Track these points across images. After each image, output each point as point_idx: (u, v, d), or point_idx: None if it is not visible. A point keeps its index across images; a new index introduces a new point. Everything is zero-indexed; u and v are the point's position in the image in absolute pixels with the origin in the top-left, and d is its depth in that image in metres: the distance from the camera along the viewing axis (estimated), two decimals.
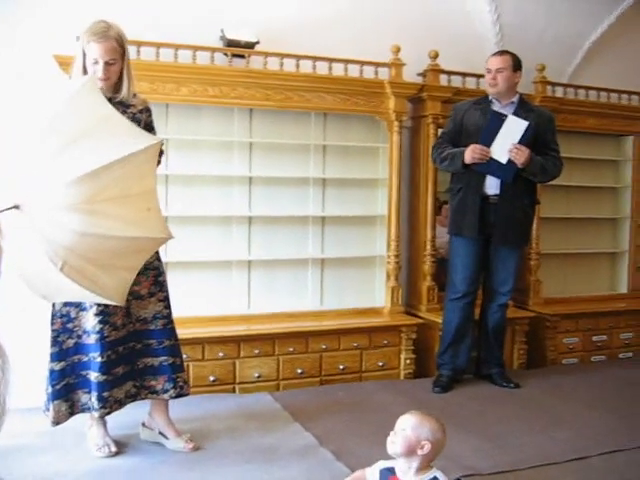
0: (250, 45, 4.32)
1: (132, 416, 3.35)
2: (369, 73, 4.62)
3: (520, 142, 4.03)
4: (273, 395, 4.02)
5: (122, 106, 3.11)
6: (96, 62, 2.98)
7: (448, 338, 4.34)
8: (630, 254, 5.72)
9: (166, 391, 3.19)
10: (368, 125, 4.77)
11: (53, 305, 3.05)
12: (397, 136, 4.67)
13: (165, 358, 3.18)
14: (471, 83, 4.95)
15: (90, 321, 3.04)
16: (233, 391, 4.09)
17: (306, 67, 4.44)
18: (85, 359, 3.08)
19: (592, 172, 5.60)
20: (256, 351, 4.16)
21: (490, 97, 4.26)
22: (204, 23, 4.27)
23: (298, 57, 4.40)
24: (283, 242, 4.62)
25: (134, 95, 3.20)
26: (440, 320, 4.49)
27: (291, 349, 4.25)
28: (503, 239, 4.22)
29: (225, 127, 4.41)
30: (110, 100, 3.05)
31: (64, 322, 3.07)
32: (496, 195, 4.16)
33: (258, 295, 4.56)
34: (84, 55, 3.00)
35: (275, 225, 4.59)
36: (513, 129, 4.05)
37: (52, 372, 3.04)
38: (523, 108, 4.23)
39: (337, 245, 4.76)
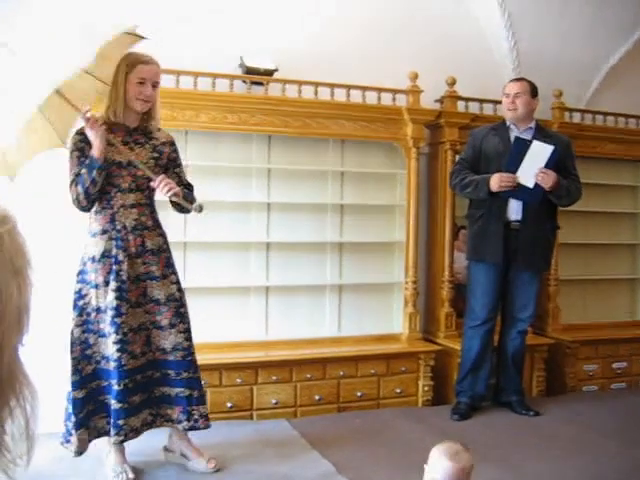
0: (269, 72, 4.36)
1: (150, 442, 3.35)
2: (387, 100, 4.65)
3: (546, 166, 4.04)
4: (290, 422, 4.01)
5: (145, 136, 3.17)
6: (142, 82, 3.07)
7: (467, 365, 4.32)
8: None
9: (180, 422, 3.19)
10: (386, 151, 4.78)
11: (72, 332, 3.08)
12: (415, 162, 4.68)
13: (181, 390, 3.18)
14: (488, 109, 4.96)
15: (109, 348, 3.05)
16: (250, 418, 4.08)
17: (324, 94, 4.47)
18: (104, 384, 3.09)
19: (610, 197, 5.57)
20: (274, 377, 4.15)
21: (508, 123, 4.27)
22: (223, 51, 4.32)
23: (316, 84, 4.44)
24: (301, 268, 4.62)
25: (159, 129, 3.27)
26: (458, 347, 4.47)
27: (309, 375, 4.24)
28: (527, 264, 4.22)
29: (244, 154, 4.44)
30: (135, 129, 3.13)
31: (83, 349, 3.09)
32: (517, 221, 4.16)
33: (276, 321, 4.56)
34: (124, 82, 3.06)
35: (293, 251, 4.59)
36: (538, 154, 4.06)
37: (75, 401, 3.05)
38: (541, 134, 4.24)
39: (355, 271, 4.76)
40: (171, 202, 3.23)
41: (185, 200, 3.16)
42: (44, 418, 0.79)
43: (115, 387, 3.03)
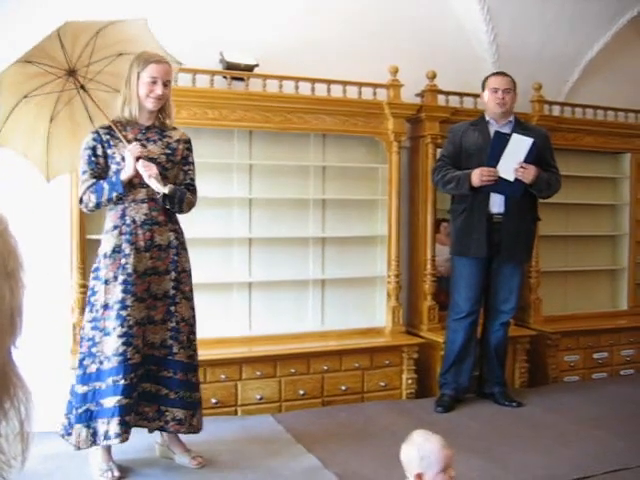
0: (249, 68, 4.35)
1: (134, 441, 3.33)
2: (367, 94, 4.65)
3: (526, 159, 4.06)
4: (275, 417, 4.01)
5: (158, 133, 3.25)
6: (154, 81, 3.12)
7: (451, 358, 4.34)
8: (629, 271, 5.73)
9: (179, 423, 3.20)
10: (367, 146, 4.79)
11: (83, 328, 3.10)
12: (396, 156, 4.70)
13: (164, 390, 3.19)
14: (469, 103, 4.98)
15: (113, 342, 3.04)
16: (235, 413, 4.09)
17: (305, 89, 4.47)
18: (103, 387, 3.06)
19: (590, 190, 5.62)
20: (258, 373, 4.15)
21: (488, 118, 4.28)
22: (204, 46, 4.30)
23: (297, 79, 4.43)
24: (284, 263, 4.62)
25: (174, 128, 3.34)
26: (441, 340, 4.50)
27: (293, 370, 4.25)
28: (509, 256, 4.25)
29: (225, 149, 4.43)
30: (149, 127, 3.21)
31: (90, 346, 3.10)
32: (500, 214, 4.18)
33: (259, 317, 4.56)
34: (137, 81, 3.13)
35: (275, 246, 4.60)
36: (518, 147, 4.08)
37: (76, 395, 3.06)
38: (520, 127, 4.27)
39: (338, 266, 4.77)
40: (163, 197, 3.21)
41: (158, 185, 3.09)
42: (38, 418, 0.79)
43: (121, 382, 3.01)
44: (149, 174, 3.05)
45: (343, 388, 4.37)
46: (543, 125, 4.83)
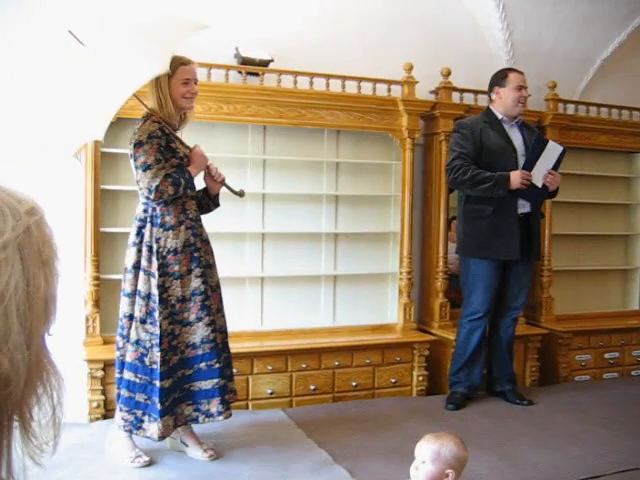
0: (264, 63, 4.36)
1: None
2: (382, 91, 4.65)
3: (555, 166, 4.08)
4: (286, 411, 4.02)
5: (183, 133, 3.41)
6: (187, 82, 3.24)
7: (465, 357, 4.31)
8: None
9: (220, 413, 3.26)
10: (381, 142, 4.79)
11: (160, 325, 3.13)
12: (409, 153, 4.70)
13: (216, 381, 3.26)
14: (483, 100, 4.96)
15: (201, 331, 3.19)
16: (246, 407, 4.10)
17: (320, 85, 4.47)
18: (189, 372, 3.22)
19: (604, 189, 5.61)
20: (269, 367, 4.17)
21: (500, 115, 4.25)
22: (219, 41, 4.30)
23: (312, 75, 4.44)
24: (296, 259, 4.64)
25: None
26: (452, 337, 4.49)
27: (304, 365, 4.26)
28: (537, 255, 4.35)
29: (239, 144, 4.44)
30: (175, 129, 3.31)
31: (170, 340, 3.18)
32: (522, 213, 4.19)
33: (271, 311, 4.57)
34: (168, 83, 3.20)
35: (288, 242, 4.61)
36: (551, 154, 4.08)
37: (162, 390, 3.12)
38: (526, 126, 4.29)
39: (350, 262, 4.78)
40: (202, 198, 3.41)
41: (233, 188, 3.38)
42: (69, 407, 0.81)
43: (216, 366, 3.20)
44: (222, 178, 3.31)
45: (354, 384, 4.38)
46: (557, 123, 4.82)
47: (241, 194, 3.43)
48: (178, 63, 3.22)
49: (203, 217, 3.43)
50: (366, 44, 4.75)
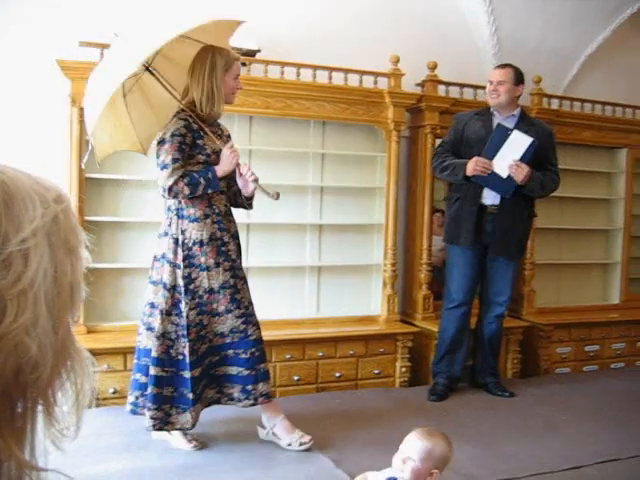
0: (251, 53, 4.35)
1: (125, 426, 3.38)
2: (368, 83, 4.66)
3: (522, 158, 4.04)
4: None
5: (218, 127, 3.40)
6: (237, 78, 3.27)
7: (444, 347, 4.37)
8: (623, 265, 5.78)
9: (239, 400, 3.33)
10: (367, 134, 4.81)
11: (187, 316, 3.14)
12: (395, 145, 4.71)
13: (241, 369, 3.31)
14: (469, 94, 5.00)
15: (229, 322, 3.24)
16: None
17: (306, 76, 4.47)
18: (216, 358, 3.27)
19: (586, 184, 5.66)
20: None
21: (492, 109, 4.29)
22: None
23: (299, 66, 4.44)
24: (281, 250, 4.64)
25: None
26: (436, 329, 4.53)
27: (288, 356, 4.27)
28: (499, 250, 4.24)
29: None
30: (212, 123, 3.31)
31: (198, 331, 3.21)
32: (494, 205, 4.19)
33: (255, 302, 4.55)
34: (223, 77, 3.20)
35: (273, 233, 4.61)
36: (517, 144, 4.06)
37: (192, 379, 3.15)
38: (524, 121, 4.25)
39: (334, 253, 4.79)
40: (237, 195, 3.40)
41: (265, 189, 3.29)
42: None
43: (243, 356, 3.26)
44: (255, 178, 3.23)
45: (337, 375, 4.40)
46: (541, 118, 4.85)
47: (275, 197, 3.26)
48: (233, 58, 3.24)
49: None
50: (353, 36, 4.75)
